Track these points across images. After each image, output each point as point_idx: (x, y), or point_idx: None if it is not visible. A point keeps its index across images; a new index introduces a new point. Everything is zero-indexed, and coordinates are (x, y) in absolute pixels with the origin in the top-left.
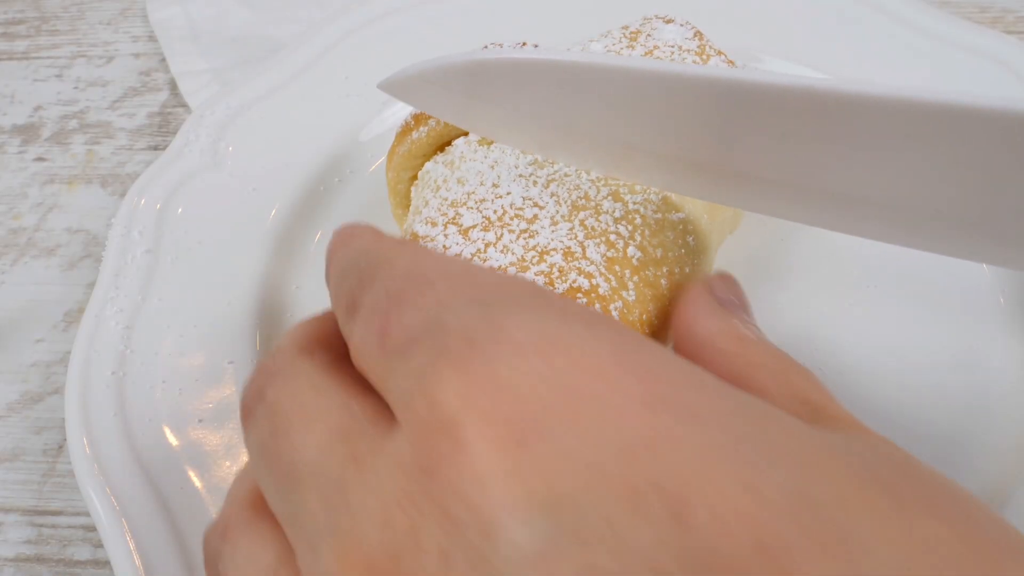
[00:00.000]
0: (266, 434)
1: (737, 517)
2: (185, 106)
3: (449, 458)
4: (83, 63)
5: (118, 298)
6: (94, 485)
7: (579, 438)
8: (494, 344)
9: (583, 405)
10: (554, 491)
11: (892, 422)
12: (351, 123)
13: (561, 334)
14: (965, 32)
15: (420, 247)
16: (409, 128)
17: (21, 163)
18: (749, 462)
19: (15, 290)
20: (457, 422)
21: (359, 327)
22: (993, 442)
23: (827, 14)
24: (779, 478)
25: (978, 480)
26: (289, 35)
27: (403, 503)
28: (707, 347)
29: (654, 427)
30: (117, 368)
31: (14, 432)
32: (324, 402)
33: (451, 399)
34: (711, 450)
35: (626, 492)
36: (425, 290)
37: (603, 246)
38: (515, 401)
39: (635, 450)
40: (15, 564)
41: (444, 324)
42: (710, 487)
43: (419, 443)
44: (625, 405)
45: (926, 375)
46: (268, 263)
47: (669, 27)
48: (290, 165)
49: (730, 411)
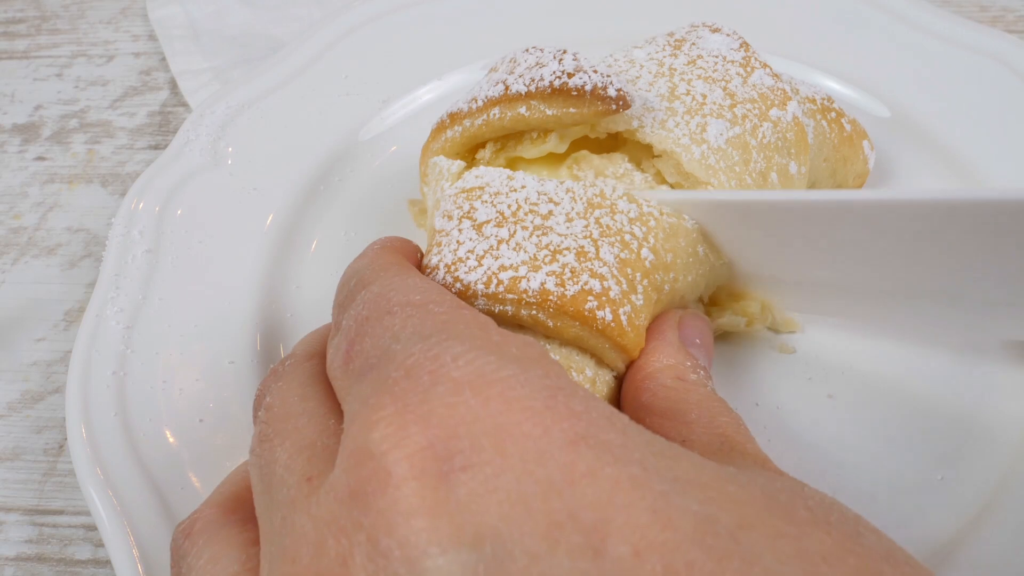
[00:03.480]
0: (256, 439)
1: (648, 545)
2: (185, 105)
3: (378, 488)
4: (83, 62)
5: (118, 298)
6: (95, 484)
7: (505, 473)
8: (431, 378)
9: (511, 442)
10: (478, 524)
11: (896, 427)
12: (351, 122)
13: (497, 374)
14: (966, 31)
15: (399, 272)
16: (444, 126)
17: (21, 162)
18: (660, 492)
19: (15, 289)
20: (385, 452)
21: (332, 347)
22: (992, 441)
23: (828, 13)
24: (687, 505)
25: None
26: (289, 33)
27: (335, 530)
28: (652, 379)
29: (575, 463)
30: (118, 368)
31: (15, 431)
32: (307, 411)
33: (383, 429)
34: (626, 482)
35: (547, 525)
36: (384, 319)
37: (617, 246)
38: (445, 435)
39: (556, 484)
40: (16, 563)
41: (392, 356)
42: (623, 518)
43: (351, 470)
44: (550, 442)
45: (926, 375)
46: (268, 263)
47: (715, 36)
48: (290, 164)
49: (644, 449)
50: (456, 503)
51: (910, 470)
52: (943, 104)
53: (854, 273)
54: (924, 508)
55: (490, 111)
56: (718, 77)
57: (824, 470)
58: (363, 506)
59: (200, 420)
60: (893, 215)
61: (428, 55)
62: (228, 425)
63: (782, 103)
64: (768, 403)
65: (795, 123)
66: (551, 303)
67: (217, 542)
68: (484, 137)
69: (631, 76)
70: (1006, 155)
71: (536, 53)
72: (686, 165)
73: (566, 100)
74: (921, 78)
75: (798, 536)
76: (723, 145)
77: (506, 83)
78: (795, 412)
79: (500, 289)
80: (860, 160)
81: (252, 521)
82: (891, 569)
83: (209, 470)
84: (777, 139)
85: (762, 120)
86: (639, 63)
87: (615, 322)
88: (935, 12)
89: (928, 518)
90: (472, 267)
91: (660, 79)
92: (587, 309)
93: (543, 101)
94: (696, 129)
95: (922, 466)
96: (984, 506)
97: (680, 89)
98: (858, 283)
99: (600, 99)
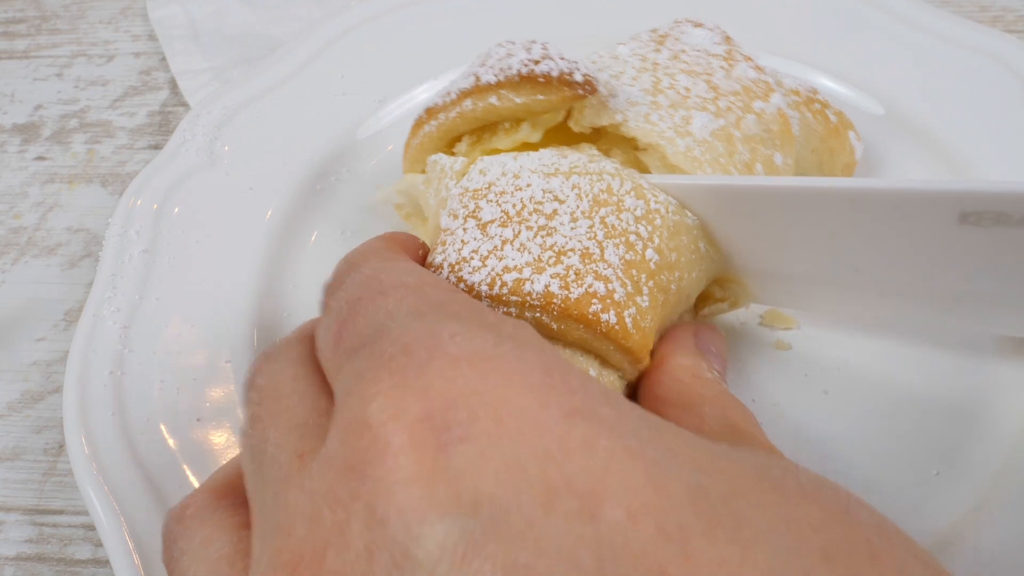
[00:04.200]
0: (247, 420)
1: (642, 507)
2: (185, 105)
3: (375, 458)
4: (83, 62)
5: (116, 298)
6: (93, 484)
7: (502, 443)
8: (428, 354)
9: (509, 414)
10: (475, 491)
11: (892, 422)
12: (348, 121)
13: (495, 351)
14: (965, 30)
15: (389, 257)
16: (422, 122)
17: (21, 162)
18: (654, 461)
19: (16, 289)
20: (383, 423)
21: (322, 327)
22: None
23: (828, 12)
24: (680, 474)
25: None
26: (289, 33)
27: (330, 501)
28: (668, 375)
29: (571, 434)
30: (115, 367)
31: (15, 431)
32: (297, 392)
33: (381, 401)
34: (621, 452)
35: (543, 490)
36: (377, 299)
37: (622, 247)
38: (443, 407)
39: (553, 453)
40: (16, 563)
41: (387, 332)
42: (618, 483)
43: (347, 442)
44: (547, 415)
45: (921, 370)
46: (265, 262)
47: (698, 31)
48: (287, 164)
49: (638, 423)
50: (454, 471)
51: (906, 465)
52: (939, 103)
53: (848, 266)
54: (920, 503)
55: (463, 103)
56: (701, 71)
57: (820, 465)
58: (360, 476)
59: (198, 419)
60: (879, 203)
61: (425, 55)
62: (226, 424)
63: (765, 95)
64: (764, 399)
65: (779, 115)
66: (555, 306)
67: (209, 525)
68: (460, 130)
69: (615, 71)
70: (1004, 155)
71: (508, 46)
72: (671, 158)
73: (534, 87)
74: (918, 77)
75: (787, 505)
76: (708, 137)
77: (477, 75)
78: (791, 408)
79: (504, 291)
80: (847, 151)
81: (244, 506)
82: (880, 540)
83: (207, 469)
84: (762, 131)
85: (746, 112)
86: (623, 59)
87: (619, 325)
88: (933, 12)
89: (924, 513)
90: (476, 268)
91: (644, 74)
92: (591, 312)
93: (512, 90)
94: (680, 122)
95: (918, 461)
96: (980, 501)
97: (664, 83)
98: (852, 278)
99: (567, 84)
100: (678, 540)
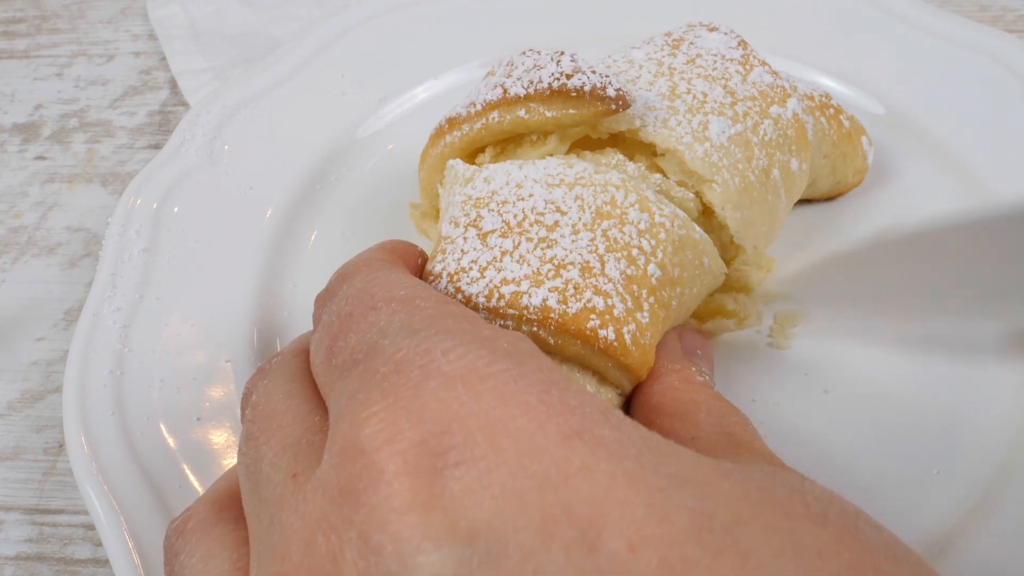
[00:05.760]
0: (243, 438)
1: (644, 538)
2: (185, 104)
3: (369, 484)
4: (83, 62)
5: (115, 297)
6: (92, 484)
7: (499, 468)
8: (422, 373)
9: (505, 437)
10: (472, 519)
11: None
12: (348, 121)
13: (490, 369)
14: (965, 30)
15: (382, 268)
16: (443, 131)
17: (22, 162)
18: (657, 488)
19: (16, 288)
20: (377, 448)
21: (314, 342)
22: (987, 436)
23: (828, 12)
24: (683, 501)
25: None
26: (289, 33)
27: (324, 527)
28: (660, 382)
29: (570, 458)
30: (115, 367)
31: (15, 431)
32: (292, 409)
33: (374, 425)
34: (621, 478)
35: (541, 519)
36: (369, 315)
37: (623, 262)
38: (438, 431)
39: (551, 479)
40: (16, 562)
41: (380, 351)
42: (619, 512)
43: (341, 466)
44: (545, 437)
45: (921, 371)
46: (265, 262)
47: (713, 35)
48: (287, 163)
49: (639, 445)
50: (450, 498)
51: (906, 465)
52: (939, 102)
53: None
54: (920, 503)
55: (489, 115)
56: (718, 75)
57: (819, 465)
58: (354, 503)
59: (197, 419)
60: None
61: (425, 54)
62: (225, 424)
63: (782, 100)
64: (764, 399)
65: (795, 120)
66: (552, 321)
67: (209, 540)
68: (483, 141)
69: (631, 76)
70: (1004, 154)
71: (534, 56)
72: (689, 163)
73: (565, 101)
74: (918, 77)
75: (794, 530)
76: (725, 143)
77: (504, 86)
78: (791, 408)
79: (501, 304)
80: (859, 156)
81: (244, 519)
82: (888, 564)
83: (206, 469)
84: (778, 136)
85: (763, 117)
86: (638, 63)
87: (618, 341)
88: (933, 12)
89: (923, 513)
90: (474, 278)
91: (660, 78)
92: (589, 328)
93: (542, 103)
94: (698, 127)
95: (917, 461)
96: (980, 501)
97: (680, 88)
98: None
99: (600, 99)
100: (681, 573)
